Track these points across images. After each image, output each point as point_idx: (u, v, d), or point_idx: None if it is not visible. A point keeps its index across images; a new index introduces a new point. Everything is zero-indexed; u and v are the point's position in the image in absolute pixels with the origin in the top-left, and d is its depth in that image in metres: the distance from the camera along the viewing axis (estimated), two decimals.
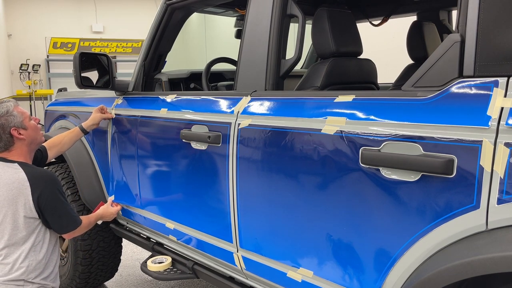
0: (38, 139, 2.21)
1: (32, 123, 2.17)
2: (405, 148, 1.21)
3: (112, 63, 2.51)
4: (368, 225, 1.33)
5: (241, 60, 1.86)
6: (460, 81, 1.16)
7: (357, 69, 1.99)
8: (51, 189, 2.05)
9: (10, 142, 2.09)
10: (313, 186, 1.47)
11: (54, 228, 2.11)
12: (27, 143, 2.13)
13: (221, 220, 1.85)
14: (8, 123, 2.08)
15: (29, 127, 2.14)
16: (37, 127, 2.20)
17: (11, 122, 2.08)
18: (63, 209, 2.09)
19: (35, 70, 12.54)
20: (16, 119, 2.10)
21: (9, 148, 2.10)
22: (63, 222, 2.10)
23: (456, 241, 1.12)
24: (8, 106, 2.12)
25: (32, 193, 2.01)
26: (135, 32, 13.54)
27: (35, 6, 13.23)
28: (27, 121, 2.14)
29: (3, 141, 2.08)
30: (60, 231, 2.13)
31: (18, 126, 2.10)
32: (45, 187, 2.04)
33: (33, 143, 2.17)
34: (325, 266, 1.48)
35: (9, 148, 2.10)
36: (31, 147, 2.18)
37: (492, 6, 1.11)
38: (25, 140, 2.12)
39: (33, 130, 2.16)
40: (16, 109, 2.14)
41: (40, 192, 2.02)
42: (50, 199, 2.04)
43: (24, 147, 2.13)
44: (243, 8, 2.61)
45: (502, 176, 1.03)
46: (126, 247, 3.63)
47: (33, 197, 2.01)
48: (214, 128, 1.84)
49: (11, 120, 2.09)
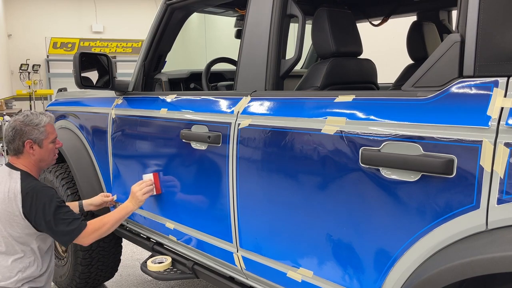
0: (49, 161, 2.24)
1: (50, 145, 2.20)
2: (405, 148, 1.21)
3: (112, 63, 2.51)
4: (368, 225, 1.33)
5: (241, 60, 1.86)
6: (460, 81, 1.16)
7: (357, 69, 1.98)
8: (42, 204, 2.02)
9: (19, 150, 2.13)
10: (313, 186, 1.47)
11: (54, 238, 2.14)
12: (34, 159, 2.17)
13: (221, 220, 1.85)
14: (28, 133, 2.12)
15: (45, 148, 2.18)
16: (54, 151, 2.24)
17: (31, 135, 2.12)
18: (58, 221, 2.04)
19: (35, 70, 12.54)
20: (38, 134, 2.14)
21: (18, 155, 2.15)
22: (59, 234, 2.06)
23: (456, 241, 1.12)
24: (41, 120, 2.16)
25: (23, 206, 2.03)
26: (135, 32, 13.54)
27: (35, 6, 13.23)
28: (47, 142, 2.18)
29: (15, 145, 2.13)
30: (60, 241, 2.13)
31: (35, 141, 2.14)
32: (34, 201, 2.03)
33: (42, 162, 2.20)
34: (325, 266, 1.48)
35: (18, 155, 2.15)
36: (39, 165, 2.21)
37: (492, 6, 1.11)
38: (34, 157, 2.16)
39: (47, 152, 2.19)
40: (47, 126, 2.18)
41: (30, 206, 2.03)
42: (41, 214, 2.02)
43: (31, 161, 2.16)
44: (243, 8, 2.61)
45: (502, 176, 1.03)
46: (126, 247, 3.63)
47: (24, 210, 2.03)
48: (214, 128, 1.84)
49: (33, 132, 2.13)
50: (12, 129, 2.12)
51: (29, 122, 2.12)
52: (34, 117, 2.14)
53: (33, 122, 2.13)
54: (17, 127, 2.12)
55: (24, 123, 2.12)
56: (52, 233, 2.07)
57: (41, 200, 2.03)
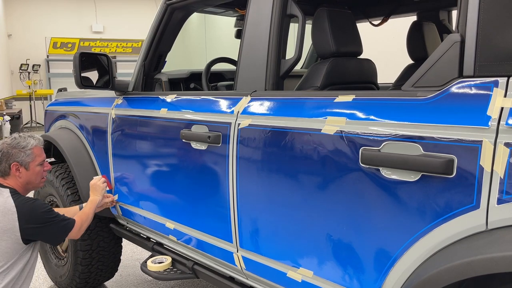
0: (36, 183, 2.28)
1: (37, 168, 2.23)
2: (405, 148, 1.21)
3: (112, 63, 2.51)
4: (368, 225, 1.33)
5: (241, 60, 1.86)
6: (460, 81, 1.16)
7: (357, 69, 1.98)
8: (37, 215, 2.10)
9: (6, 172, 2.18)
10: (313, 186, 1.47)
11: (49, 243, 2.26)
12: (21, 182, 2.21)
13: (221, 220, 1.85)
14: (14, 156, 2.16)
15: (32, 170, 2.21)
16: (41, 173, 2.27)
17: (18, 157, 2.16)
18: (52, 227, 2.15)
19: (35, 70, 12.55)
20: (24, 157, 2.17)
21: (4, 176, 2.18)
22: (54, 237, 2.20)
23: (456, 241, 1.12)
24: (28, 143, 2.20)
25: (19, 219, 2.06)
26: (135, 32, 13.56)
27: (35, 6, 13.24)
28: (34, 165, 2.21)
29: (2, 167, 2.16)
30: (55, 243, 2.25)
31: (21, 163, 2.17)
32: (31, 215, 2.09)
33: (28, 184, 2.25)
34: (325, 266, 1.48)
35: (4, 176, 2.18)
36: (26, 187, 2.25)
37: (492, 6, 1.11)
38: (20, 179, 2.20)
39: (33, 175, 2.23)
40: (34, 149, 2.21)
41: (26, 218, 2.07)
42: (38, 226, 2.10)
43: (18, 182, 2.20)
44: (243, 8, 2.61)
45: (502, 176, 1.03)
46: (126, 247, 3.63)
47: (20, 223, 2.06)
48: (214, 128, 1.84)
49: (19, 155, 2.16)
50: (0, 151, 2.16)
51: (16, 144, 2.17)
52: (21, 140, 2.19)
53: (20, 144, 2.17)
54: (4, 149, 2.16)
55: (11, 145, 2.17)
56: (48, 235, 2.15)
57: (35, 210, 2.10)
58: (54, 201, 2.95)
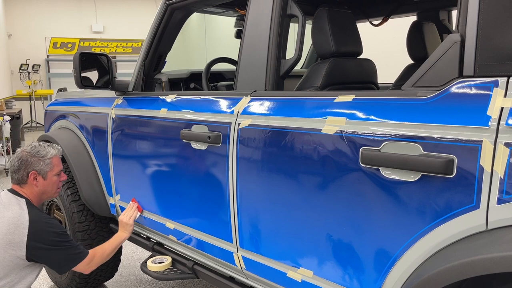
0: (51, 194, 2.27)
1: (54, 178, 2.23)
2: (405, 148, 1.21)
3: (112, 63, 2.51)
4: (368, 225, 1.33)
5: (241, 60, 1.86)
6: (460, 81, 1.16)
7: (357, 69, 1.99)
8: (49, 236, 2.07)
9: (23, 180, 2.16)
10: (313, 186, 1.47)
11: (53, 269, 2.16)
12: (37, 191, 2.19)
13: (221, 220, 1.85)
14: (33, 165, 2.15)
15: (49, 180, 2.21)
16: (57, 183, 2.27)
17: (36, 166, 2.15)
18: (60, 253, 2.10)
19: (35, 70, 12.55)
20: (43, 166, 2.17)
21: (21, 184, 2.17)
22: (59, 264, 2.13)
23: (456, 241, 1.12)
24: (48, 152, 2.20)
25: (28, 236, 2.02)
26: (135, 32, 13.56)
27: (35, 6, 13.24)
28: (52, 174, 2.21)
29: (20, 175, 2.15)
30: (59, 271, 2.16)
31: (39, 173, 2.17)
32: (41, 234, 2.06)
33: (44, 194, 2.23)
34: (325, 266, 1.48)
35: (21, 184, 2.17)
36: (41, 197, 2.23)
37: (492, 6, 1.11)
38: (37, 188, 2.18)
39: (50, 184, 2.22)
40: (53, 159, 2.21)
41: (36, 235, 2.04)
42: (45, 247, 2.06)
43: (34, 191, 2.19)
44: (243, 8, 2.61)
45: (502, 176, 1.03)
46: (126, 247, 3.64)
47: (28, 240, 2.02)
48: (214, 128, 1.84)
49: (38, 164, 2.16)
50: (19, 159, 2.16)
51: (35, 153, 2.16)
52: (41, 148, 2.18)
53: (40, 153, 2.16)
54: (23, 157, 2.15)
55: (31, 154, 2.16)
56: (53, 260, 2.10)
57: (48, 230, 2.07)
58: (54, 201, 2.95)
